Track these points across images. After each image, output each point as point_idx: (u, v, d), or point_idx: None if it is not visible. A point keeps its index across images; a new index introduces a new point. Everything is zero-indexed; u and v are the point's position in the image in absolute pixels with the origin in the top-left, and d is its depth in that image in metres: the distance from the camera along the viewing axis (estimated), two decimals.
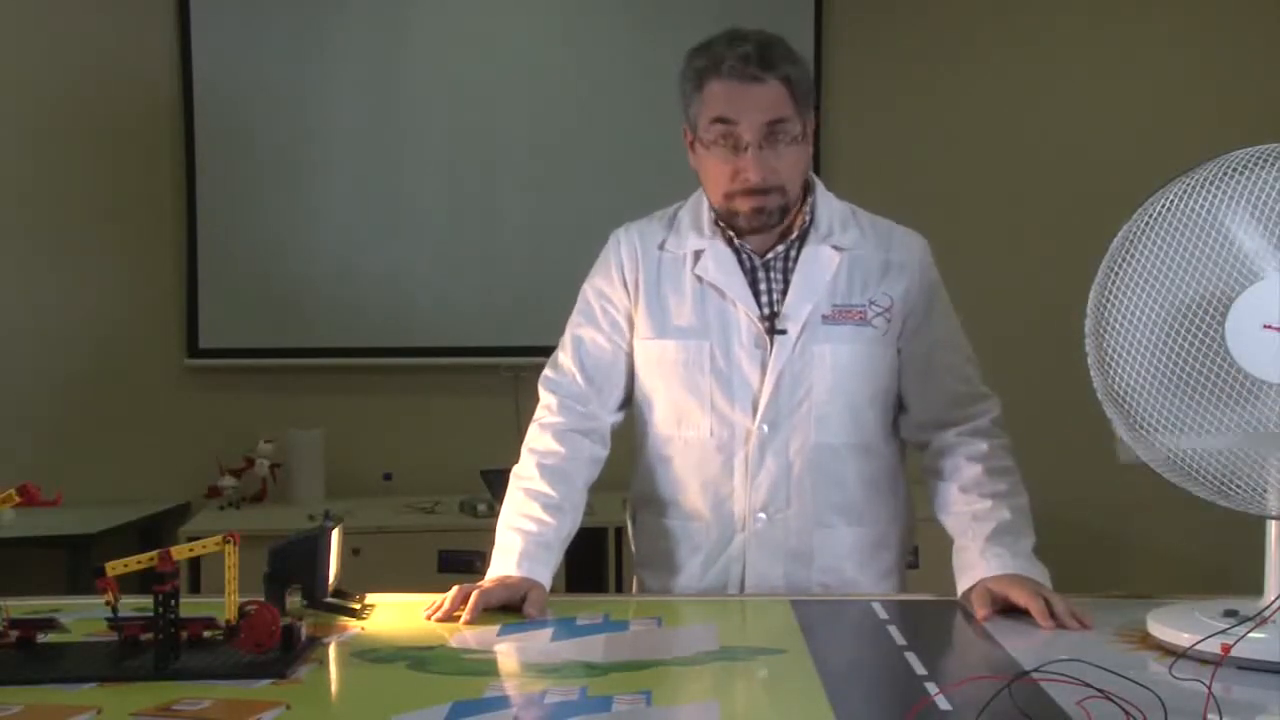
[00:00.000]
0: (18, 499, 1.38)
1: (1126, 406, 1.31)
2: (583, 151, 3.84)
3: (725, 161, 1.69)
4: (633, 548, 1.95)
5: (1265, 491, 1.26)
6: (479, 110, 3.81)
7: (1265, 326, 1.23)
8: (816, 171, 3.92)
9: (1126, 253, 1.31)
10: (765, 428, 1.75)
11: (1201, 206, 1.27)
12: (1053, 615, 1.47)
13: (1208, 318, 1.25)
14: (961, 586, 1.63)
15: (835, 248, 1.77)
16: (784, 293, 1.76)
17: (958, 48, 3.96)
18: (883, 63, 3.94)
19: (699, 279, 1.78)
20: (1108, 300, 1.32)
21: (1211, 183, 1.28)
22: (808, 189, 1.80)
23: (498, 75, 3.81)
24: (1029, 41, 3.97)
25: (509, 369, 3.52)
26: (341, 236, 3.78)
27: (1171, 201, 1.29)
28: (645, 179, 3.60)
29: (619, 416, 1.87)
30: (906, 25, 3.96)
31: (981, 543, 1.64)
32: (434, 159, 3.79)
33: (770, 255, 1.77)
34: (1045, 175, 3.91)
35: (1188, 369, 1.26)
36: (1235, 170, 1.27)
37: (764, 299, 1.77)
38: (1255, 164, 1.27)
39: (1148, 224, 1.30)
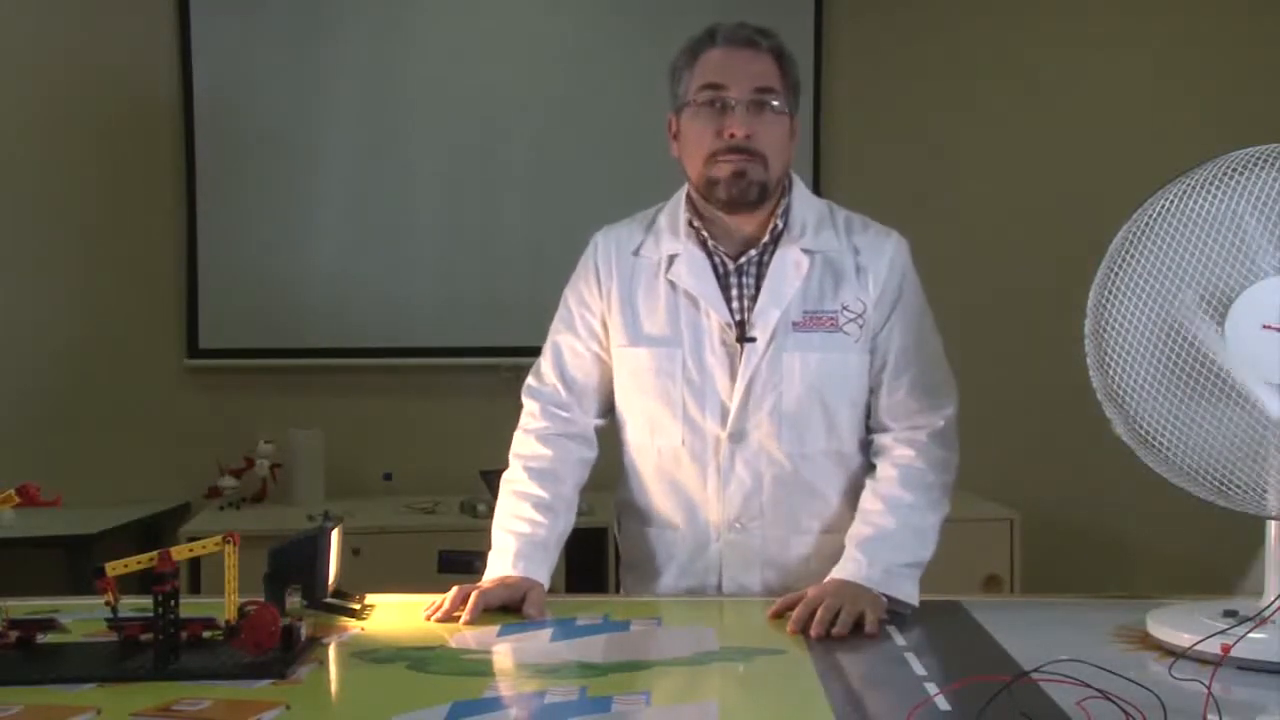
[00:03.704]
0: (18, 499, 1.38)
1: (1126, 407, 1.31)
2: (582, 152, 3.84)
3: (711, 122, 1.69)
4: (619, 551, 1.94)
5: (1265, 491, 1.26)
6: (478, 111, 3.80)
7: (1265, 326, 1.24)
8: (816, 171, 3.91)
9: (1126, 253, 1.31)
10: (736, 436, 1.73)
11: (1201, 207, 1.27)
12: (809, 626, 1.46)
13: (1208, 318, 1.25)
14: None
15: (807, 251, 1.74)
16: (755, 298, 1.73)
17: (957, 48, 3.95)
18: (882, 64, 3.94)
19: (672, 285, 1.76)
20: (1107, 300, 1.32)
21: (1211, 183, 1.28)
22: (784, 189, 1.77)
23: (497, 76, 3.80)
24: (1029, 42, 3.97)
25: (509, 369, 3.51)
26: (341, 237, 3.78)
27: (1171, 202, 1.29)
28: (645, 179, 3.58)
29: (602, 421, 1.86)
30: (906, 27, 3.96)
31: (851, 546, 1.65)
32: (434, 159, 3.79)
33: (743, 260, 1.75)
34: (1045, 175, 3.91)
35: (1188, 369, 1.26)
36: (1235, 170, 1.27)
37: (735, 305, 1.74)
38: (1255, 164, 1.27)
39: (1147, 224, 1.30)
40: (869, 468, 1.78)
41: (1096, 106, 3.91)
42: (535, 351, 1.90)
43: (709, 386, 1.73)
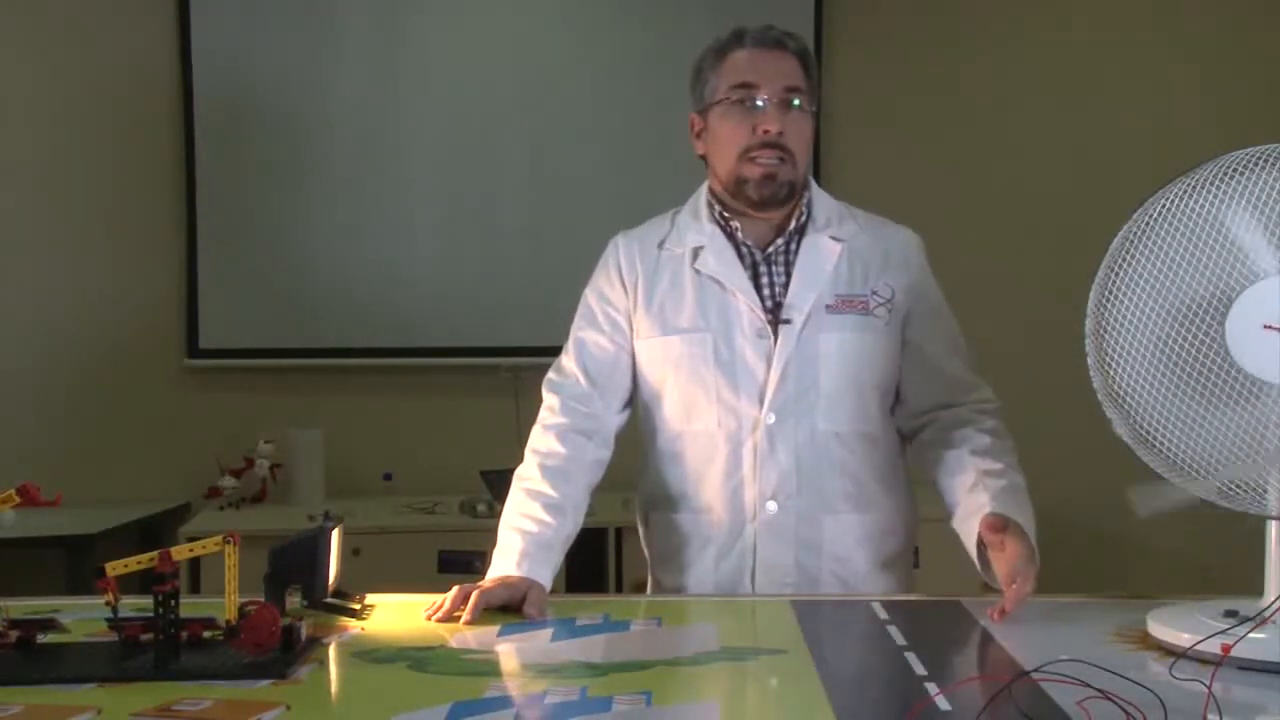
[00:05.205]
0: (18, 499, 1.37)
1: (1126, 407, 1.31)
2: (582, 151, 3.84)
3: (744, 120, 1.75)
4: (645, 549, 1.95)
5: (1265, 492, 1.26)
6: (479, 110, 3.81)
7: (1265, 326, 1.23)
8: (816, 171, 3.94)
9: (1126, 253, 1.31)
10: (773, 416, 1.76)
11: (1201, 207, 1.27)
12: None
13: (1208, 318, 1.25)
14: (971, 526, 1.65)
15: (834, 238, 1.81)
16: (786, 285, 1.79)
17: (957, 48, 3.96)
18: (883, 63, 3.95)
19: (698, 273, 1.81)
20: (1108, 300, 1.32)
21: (1211, 183, 1.28)
22: (804, 185, 1.84)
23: (498, 74, 3.81)
24: (1029, 42, 3.97)
25: (509, 369, 3.52)
26: (342, 236, 3.79)
27: (1171, 202, 1.29)
28: (645, 178, 3.61)
29: (622, 418, 1.88)
30: (906, 25, 3.96)
31: (993, 493, 1.67)
32: (434, 159, 3.80)
33: (770, 249, 1.81)
34: (1045, 175, 3.91)
35: (1188, 369, 1.26)
36: (1235, 171, 1.27)
37: (766, 291, 1.80)
38: (1255, 164, 1.27)
39: (1148, 224, 1.30)
40: (897, 450, 1.86)
41: (1098, 106, 3.91)
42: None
43: (742, 369, 1.77)
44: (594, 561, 3.23)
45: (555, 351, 1.92)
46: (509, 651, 1.41)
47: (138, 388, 3.75)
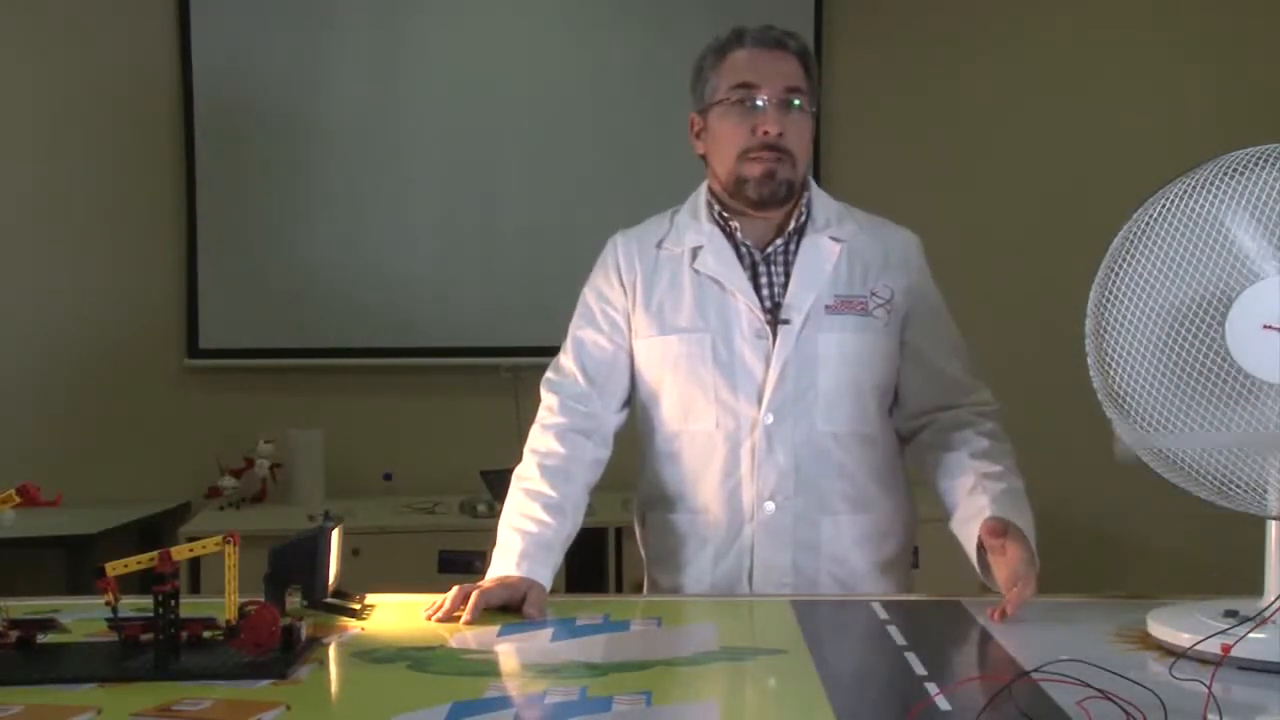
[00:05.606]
0: (18, 499, 1.38)
1: (1126, 407, 1.31)
2: (583, 152, 3.84)
3: (743, 120, 1.75)
4: (642, 549, 1.95)
5: (1265, 491, 1.26)
6: (480, 110, 3.81)
7: (1265, 326, 1.23)
8: (816, 171, 3.95)
9: (1126, 253, 1.31)
10: (771, 417, 1.76)
11: (1201, 207, 1.27)
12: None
13: (1208, 318, 1.25)
14: (971, 530, 1.65)
15: (834, 239, 1.81)
16: (785, 285, 1.79)
17: (957, 48, 3.96)
18: (883, 63, 3.95)
19: (697, 273, 1.81)
20: (1108, 301, 1.32)
21: (1211, 183, 1.28)
22: (804, 185, 1.83)
23: (499, 75, 3.81)
24: (1029, 42, 3.97)
25: (509, 369, 3.52)
26: (342, 237, 3.79)
27: (1171, 202, 1.29)
28: (645, 178, 3.61)
29: (621, 417, 1.88)
30: (906, 25, 3.96)
31: (993, 496, 1.67)
32: (434, 159, 3.80)
33: (770, 249, 1.81)
34: (1045, 175, 3.91)
35: (1188, 369, 1.26)
36: (1235, 171, 1.27)
37: (765, 291, 1.80)
38: (1255, 164, 1.27)
39: (1148, 224, 1.30)
40: (896, 451, 1.86)
41: (1098, 106, 3.91)
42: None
43: (740, 370, 1.77)
44: (594, 561, 3.23)
45: (555, 351, 1.92)
46: (509, 651, 1.41)
47: (138, 388, 3.75)
